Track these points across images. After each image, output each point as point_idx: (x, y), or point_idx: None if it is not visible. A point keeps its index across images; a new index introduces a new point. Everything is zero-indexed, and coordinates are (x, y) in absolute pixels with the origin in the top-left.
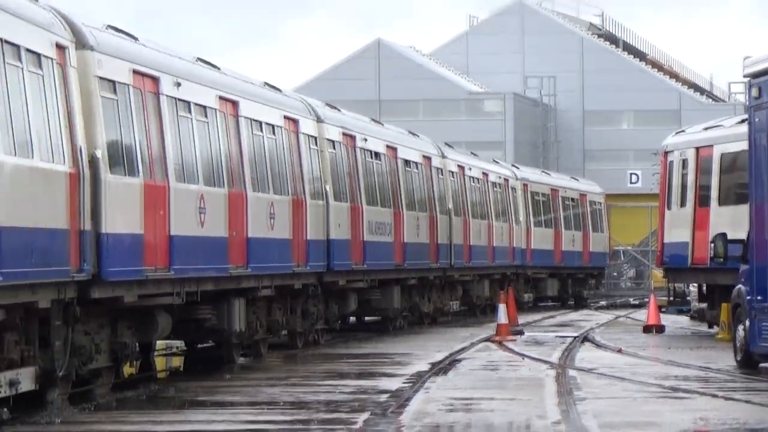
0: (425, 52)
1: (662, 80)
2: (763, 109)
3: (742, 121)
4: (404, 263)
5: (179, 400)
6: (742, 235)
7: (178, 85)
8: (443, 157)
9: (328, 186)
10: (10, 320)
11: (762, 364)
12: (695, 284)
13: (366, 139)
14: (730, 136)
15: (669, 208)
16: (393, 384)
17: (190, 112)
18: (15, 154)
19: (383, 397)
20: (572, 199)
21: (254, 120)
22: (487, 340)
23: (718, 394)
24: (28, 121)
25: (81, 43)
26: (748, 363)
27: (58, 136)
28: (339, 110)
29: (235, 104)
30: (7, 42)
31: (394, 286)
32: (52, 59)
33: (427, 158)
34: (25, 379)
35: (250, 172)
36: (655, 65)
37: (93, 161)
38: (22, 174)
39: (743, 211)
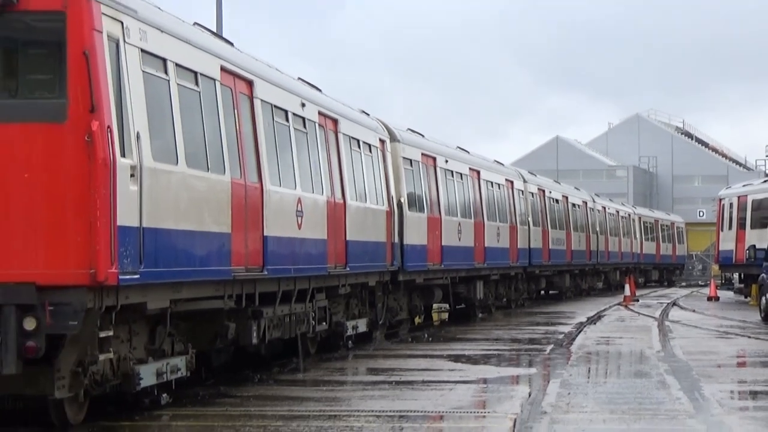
0: (583, 142)
1: (717, 158)
2: None
3: (765, 181)
4: (572, 261)
5: (446, 337)
6: (765, 245)
7: (446, 161)
8: (594, 201)
9: (530, 218)
10: (354, 292)
11: None
12: (737, 273)
13: (551, 192)
14: (757, 189)
15: (722, 230)
16: (566, 329)
17: (453, 176)
18: (356, 200)
19: (560, 336)
20: (666, 226)
21: (488, 180)
22: (618, 305)
23: (750, 336)
24: (364, 181)
25: (393, 138)
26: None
27: (380, 190)
28: (535, 175)
29: (478, 172)
30: (352, 138)
31: (566, 274)
32: (377, 147)
33: (585, 202)
34: (361, 325)
35: (486, 209)
36: (714, 149)
37: (399, 204)
38: (360, 211)
39: (765, 233)
